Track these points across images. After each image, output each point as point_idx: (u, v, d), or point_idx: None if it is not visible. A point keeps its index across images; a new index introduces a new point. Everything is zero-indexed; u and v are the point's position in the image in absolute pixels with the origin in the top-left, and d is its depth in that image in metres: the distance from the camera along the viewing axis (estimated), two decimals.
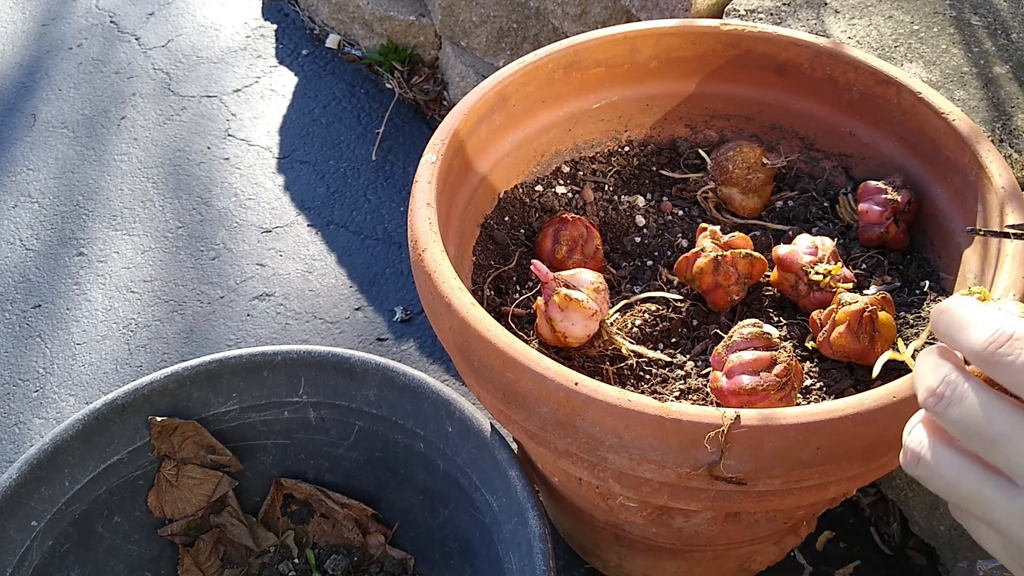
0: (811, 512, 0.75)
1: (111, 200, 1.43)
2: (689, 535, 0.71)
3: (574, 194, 0.80)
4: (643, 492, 0.59)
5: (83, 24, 1.79)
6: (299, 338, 1.21)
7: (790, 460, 0.53)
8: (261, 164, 1.47)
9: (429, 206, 0.65)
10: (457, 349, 0.61)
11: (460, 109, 0.72)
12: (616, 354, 0.67)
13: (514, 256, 0.75)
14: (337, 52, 1.66)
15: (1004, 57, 0.87)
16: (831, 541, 0.95)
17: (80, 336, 1.24)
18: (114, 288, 1.30)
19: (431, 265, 0.62)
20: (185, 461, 0.83)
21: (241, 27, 1.75)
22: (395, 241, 1.33)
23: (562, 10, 1.19)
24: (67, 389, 1.17)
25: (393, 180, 1.42)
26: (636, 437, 0.53)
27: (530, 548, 0.68)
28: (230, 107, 1.58)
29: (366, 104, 1.55)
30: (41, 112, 1.61)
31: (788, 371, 0.59)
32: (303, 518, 0.90)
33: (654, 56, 0.80)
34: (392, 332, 1.21)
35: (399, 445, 0.84)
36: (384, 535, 0.88)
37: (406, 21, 1.52)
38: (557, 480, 0.75)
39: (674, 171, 0.82)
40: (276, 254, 1.33)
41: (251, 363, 0.83)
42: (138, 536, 0.84)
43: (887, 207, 0.71)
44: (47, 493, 0.76)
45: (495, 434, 0.75)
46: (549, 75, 0.78)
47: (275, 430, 0.86)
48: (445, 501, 0.83)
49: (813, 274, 0.66)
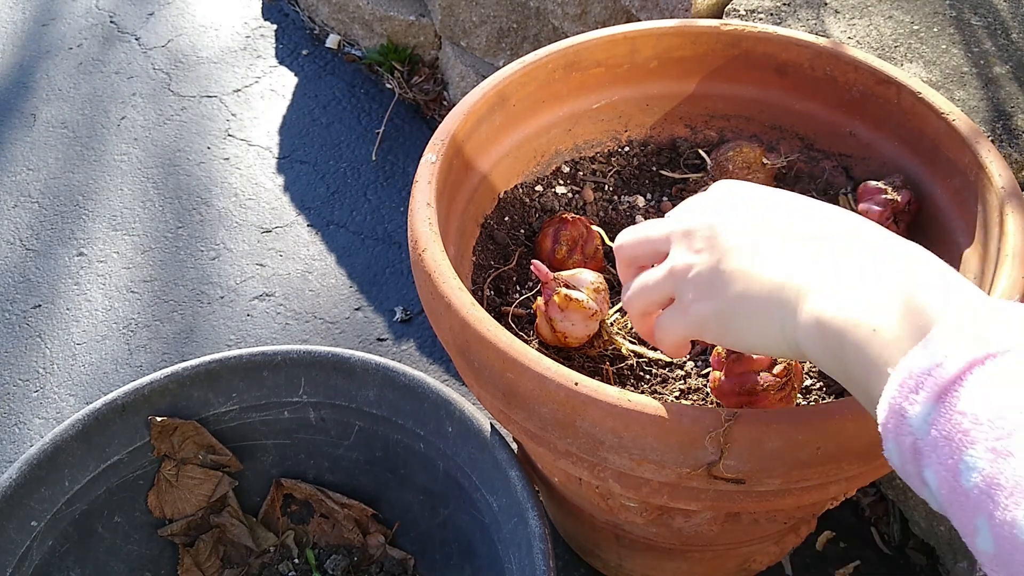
0: (811, 512, 0.75)
1: (111, 200, 1.43)
2: (689, 535, 0.71)
3: (574, 194, 0.80)
4: (643, 492, 0.59)
5: (83, 24, 1.79)
6: (299, 338, 1.21)
7: (790, 460, 0.53)
8: (261, 164, 1.47)
9: (429, 206, 0.65)
10: (457, 349, 0.61)
11: (460, 109, 0.72)
12: (616, 354, 0.67)
13: (514, 256, 0.75)
14: (337, 52, 1.66)
15: (1004, 57, 0.87)
16: (831, 541, 0.95)
17: (80, 336, 1.24)
18: (114, 288, 1.30)
19: (431, 265, 0.62)
20: (185, 461, 0.83)
21: (241, 27, 1.75)
22: (395, 241, 1.33)
23: (562, 10, 1.19)
24: (67, 389, 1.17)
25: (393, 180, 1.42)
26: (636, 437, 0.53)
27: (530, 548, 0.68)
28: (230, 107, 1.58)
29: (366, 104, 1.55)
30: (41, 112, 1.61)
31: (788, 371, 0.59)
32: (303, 518, 0.90)
33: (654, 56, 0.80)
34: (392, 332, 1.21)
35: (399, 445, 0.84)
36: (384, 535, 0.88)
37: (406, 21, 1.52)
38: (557, 480, 0.75)
39: (674, 171, 0.82)
40: (276, 254, 1.33)
41: (251, 363, 0.83)
42: (138, 536, 0.84)
43: (887, 207, 0.71)
44: (47, 493, 0.76)
45: (495, 434, 0.75)
46: (549, 75, 0.78)
47: (275, 430, 0.86)
48: (445, 501, 0.83)
49: None
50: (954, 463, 0.35)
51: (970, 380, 0.35)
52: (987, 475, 0.34)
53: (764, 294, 0.46)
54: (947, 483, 0.36)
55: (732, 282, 0.47)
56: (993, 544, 0.34)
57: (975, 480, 0.34)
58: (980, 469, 0.34)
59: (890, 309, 0.40)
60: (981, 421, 0.35)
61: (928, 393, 0.36)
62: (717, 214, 0.50)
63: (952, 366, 0.36)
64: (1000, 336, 0.36)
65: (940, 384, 0.36)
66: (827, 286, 0.43)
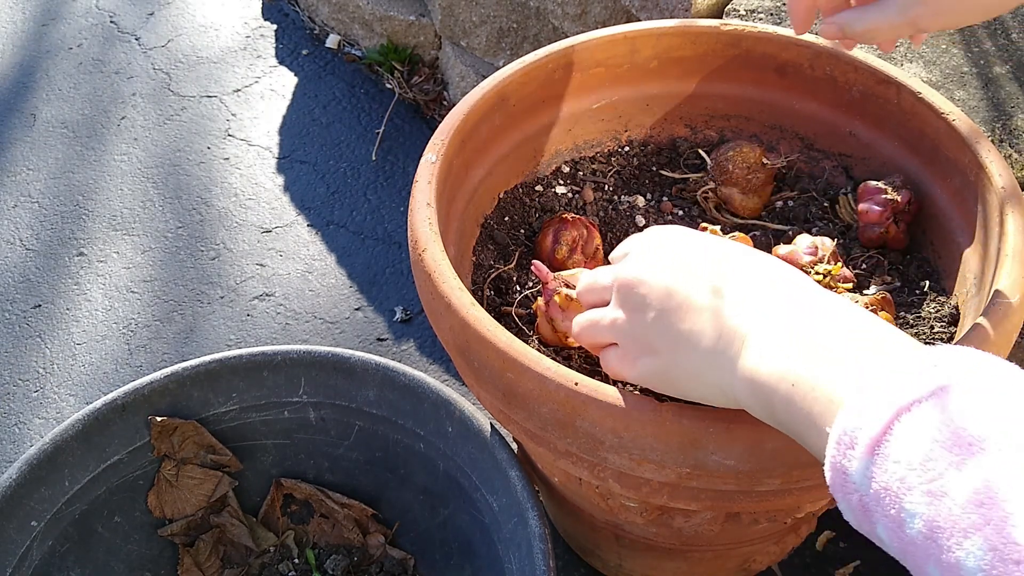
0: (811, 512, 0.75)
1: (111, 200, 1.43)
2: (689, 535, 0.71)
3: (574, 194, 0.80)
4: (643, 492, 0.59)
5: (83, 24, 1.79)
6: (299, 338, 1.21)
7: (790, 460, 0.53)
8: (261, 164, 1.47)
9: (429, 206, 0.65)
10: (457, 349, 0.61)
11: (460, 109, 0.72)
12: None
13: (514, 256, 0.75)
14: (337, 52, 1.66)
15: (1004, 57, 0.87)
16: (831, 541, 0.95)
17: (80, 336, 1.24)
18: (114, 288, 1.30)
19: (431, 265, 0.62)
20: (185, 461, 0.83)
21: (241, 27, 1.75)
22: (395, 241, 1.33)
23: (562, 10, 1.19)
24: (67, 389, 1.17)
25: (393, 180, 1.42)
26: (636, 437, 0.53)
27: (530, 548, 0.68)
28: (230, 107, 1.58)
29: (366, 104, 1.55)
30: (41, 112, 1.61)
31: None
32: (303, 518, 0.90)
33: (654, 56, 0.80)
34: (392, 332, 1.21)
35: (399, 445, 0.84)
36: (384, 535, 0.88)
37: (406, 21, 1.52)
38: (557, 480, 0.75)
39: (674, 171, 0.82)
40: (276, 254, 1.33)
41: (251, 363, 0.83)
42: (138, 536, 0.84)
43: (887, 207, 0.71)
44: (47, 493, 0.76)
45: (495, 434, 0.75)
46: (549, 75, 0.78)
47: (275, 430, 0.86)
48: (445, 501, 0.83)
49: (813, 274, 0.66)
50: (896, 513, 0.35)
51: (898, 428, 0.35)
52: (927, 519, 0.34)
53: (699, 357, 0.48)
54: (896, 535, 0.36)
55: (671, 344, 0.49)
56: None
57: (918, 527, 0.34)
58: (920, 515, 0.34)
59: (821, 363, 0.41)
60: (914, 466, 0.34)
61: (862, 448, 0.36)
62: (652, 270, 0.51)
63: (881, 416, 0.36)
64: (922, 381, 0.36)
65: (872, 437, 0.36)
66: (758, 343, 0.44)
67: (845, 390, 0.39)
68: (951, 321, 0.66)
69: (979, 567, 0.32)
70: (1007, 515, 0.32)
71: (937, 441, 0.34)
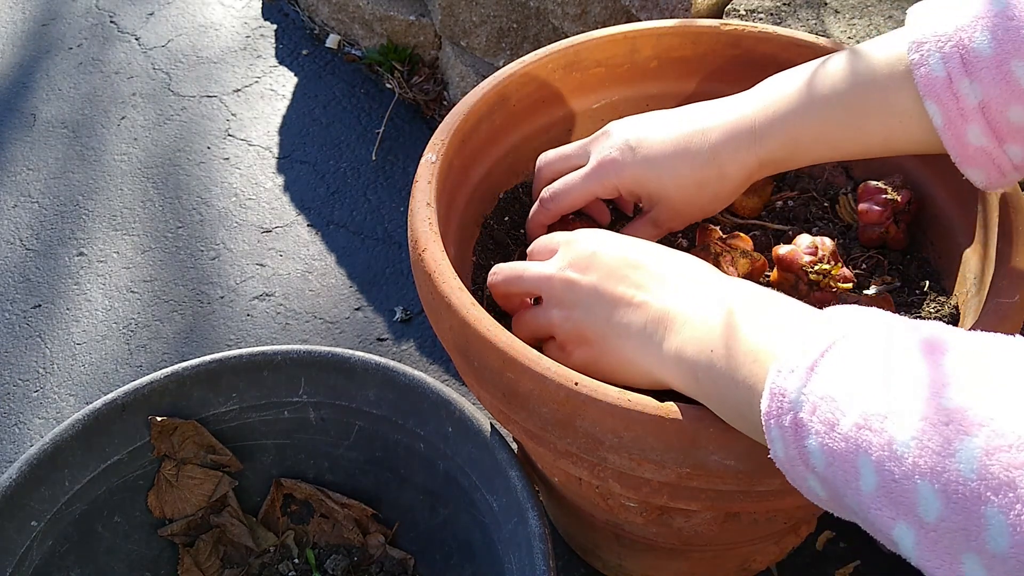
0: (811, 512, 0.75)
1: (111, 200, 1.43)
2: (689, 535, 0.71)
3: None
4: (643, 492, 0.59)
5: (83, 24, 1.79)
6: (299, 338, 1.21)
7: None
8: (261, 164, 1.47)
9: (429, 206, 0.65)
10: (457, 349, 0.61)
11: (460, 109, 0.72)
12: None
13: (514, 256, 0.75)
14: (337, 52, 1.66)
15: None
16: (831, 541, 0.95)
17: (80, 336, 1.24)
18: (114, 288, 1.30)
19: (431, 265, 0.62)
20: (185, 461, 0.83)
21: (241, 27, 1.75)
22: (395, 241, 1.33)
23: (562, 10, 1.19)
24: (67, 389, 1.17)
25: (393, 180, 1.42)
26: (636, 437, 0.53)
27: (530, 548, 0.68)
28: (230, 107, 1.58)
29: (366, 104, 1.56)
30: (41, 112, 1.61)
31: None
32: (303, 518, 0.90)
33: (654, 56, 0.80)
34: (392, 332, 1.21)
35: (399, 445, 0.84)
36: (384, 535, 0.88)
37: (406, 21, 1.52)
38: (557, 480, 0.75)
39: None
40: (276, 254, 1.33)
41: (251, 363, 0.83)
42: (138, 536, 0.84)
43: (887, 207, 0.71)
44: (47, 493, 0.76)
45: (495, 434, 0.75)
46: (549, 75, 0.78)
47: (275, 430, 0.86)
48: (445, 501, 0.83)
49: (813, 274, 0.66)
50: (831, 416, 0.40)
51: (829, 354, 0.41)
52: (861, 410, 0.38)
53: (628, 345, 0.55)
54: (826, 442, 0.40)
55: (601, 335, 0.56)
56: (875, 477, 0.37)
57: (852, 419, 0.39)
58: (855, 409, 0.39)
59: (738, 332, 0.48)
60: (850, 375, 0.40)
61: (802, 370, 0.42)
62: (582, 272, 0.58)
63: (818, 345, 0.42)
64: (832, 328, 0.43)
65: (812, 359, 0.42)
66: (679, 325, 0.52)
67: (772, 341, 0.46)
68: (951, 321, 0.66)
69: (912, 436, 0.36)
70: (944, 385, 0.36)
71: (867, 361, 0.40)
